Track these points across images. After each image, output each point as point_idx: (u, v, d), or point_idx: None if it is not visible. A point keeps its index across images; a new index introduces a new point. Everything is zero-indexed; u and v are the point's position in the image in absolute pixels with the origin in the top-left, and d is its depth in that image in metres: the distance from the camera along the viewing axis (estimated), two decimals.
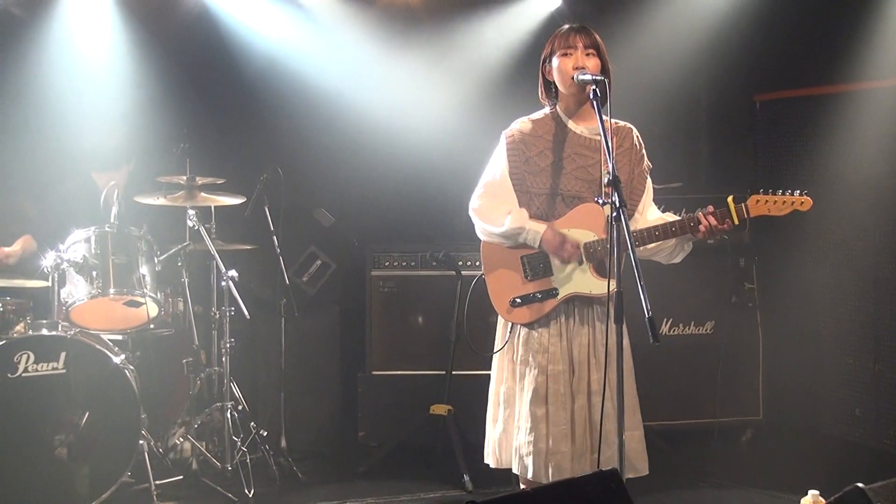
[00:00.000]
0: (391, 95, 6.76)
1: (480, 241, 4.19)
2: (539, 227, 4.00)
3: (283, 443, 5.85)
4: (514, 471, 4.08)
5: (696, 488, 5.55)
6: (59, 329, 4.95)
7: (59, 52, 6.35)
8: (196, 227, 5.38)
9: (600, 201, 3.73)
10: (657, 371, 5.69)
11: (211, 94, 6.84)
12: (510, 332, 4.11)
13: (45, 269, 5.06)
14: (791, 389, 6.23)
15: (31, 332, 4.94)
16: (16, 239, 5.74)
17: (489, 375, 4.24)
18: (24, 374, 4.77)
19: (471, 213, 4.18)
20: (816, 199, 3.95)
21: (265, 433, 5.65)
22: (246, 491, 5.22)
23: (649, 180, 4.19)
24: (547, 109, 4.17)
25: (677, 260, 4.14)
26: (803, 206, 3.92)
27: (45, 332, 4.93)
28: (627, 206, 3.62)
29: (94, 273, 5.05)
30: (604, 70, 3.98)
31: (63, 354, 4.84)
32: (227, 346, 5.51)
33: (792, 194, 3.91)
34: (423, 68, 6.83)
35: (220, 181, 5.68)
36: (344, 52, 6.82)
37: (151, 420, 5.31)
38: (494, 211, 4.08)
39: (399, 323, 6.25)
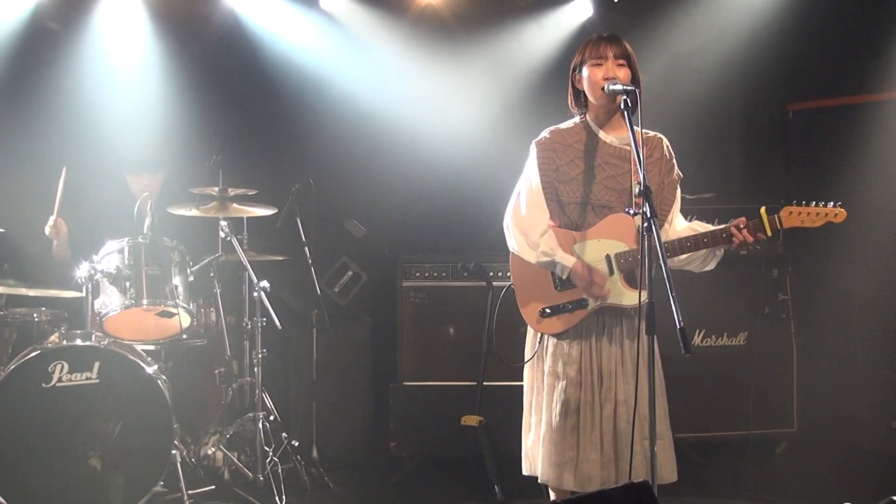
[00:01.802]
0: (423, 105, 6.78)
1: (510, 252, 4.18)
2: (567, 262, 3.98)
3: (315, 453, 5.88)
4: (541, 480, 4.06)
5: (729, 501, 5.50)
6: (93, 339, 4.97)
7: (94, 66, 6.43)
8: (228, 238, 5.41)
9: (631, 212, 3.72)
10: (690, 382, 5.67)
11: (243, 105, 6.89)
12: (539, 343, 4.10)
13: (80, 280, 5.09)
14: (825, 401, 6.17)
15: (65, 343, 4.96)
16: (50, 249, 5.80)
17: (521, 386, 4.24)
18: (58, 384, 4.79)
19: (505, 228, 4.18)
20: (850, 210, 3.92)
21: (297, 443, 5.66)
22: (277, 501, 5.23)
23: (678, 191, 4.17)
24: (577, 118, 4.16)
25: (710, 267, 4.12)
26: (837, 217, 3.89)
27: (79, 342, 4.95)
28: (658, 216, 3.60)
29: (128, 284, 5.08)
30: (634, 80, 3.97)
31: (97, 364, 4.86)
32: (259, 356, 5.52)
33: (826, 206, 3.88)
34: (454, 78, 6.84)
35: (252, 192, 5.71)
36: (375, 62, 6.86)
37: (184, 430, 5.33)
38: (526, 237, 4.06)
39: (430, 334, 6.24)
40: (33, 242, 5.89)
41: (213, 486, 5.34)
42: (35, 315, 5.41)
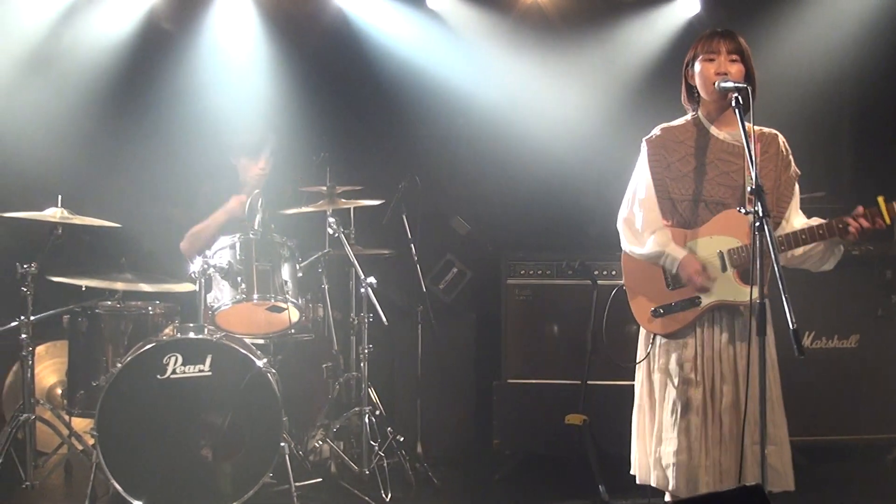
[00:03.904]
0: (528, 103, 6.78)
1: (621, 250, 4.16)
2: (678, 254, 3.96)
3: (419, 448, 5.93)
4: (652, 483, 4.03)
5: None
6: (206, 332, 5.09)
7: (207, 66, 6.59)
8: (336, 235, 5.47)
9: (743, 211, 3.67)
10: (798, 385, 5.50)
11: (350, 103, 6.97)
12: (651, 343, 4.07)
13: (193, 274, 5.22)
14: None
15: (179, 336, 5.09)
16: (164, 244, 5.95)
17: (625, 386, 4.21)
18: (172, 376, 4.92)
19: (618, 226, 4.16)
20: None
21: (402, 438, 5.71)
22: (383, 495, 5.28)
23: (796, 188, 4.09)
24: (688, 115, 4.12)
25: (828, 267, 4.03)
26: None
27: (192, 335, 5.07)
28: (773, 213, 3.54)
29: (239, 279, 5.19)
30: (748, 77, 3.92)
31: (209, 357, 4.97)
32: (366, 351, 5.57)
33: None
34: (559, 76, 6.83)
35: (360, 189, 5.77)
36: (480, 59, 6.88)
37: (291, 423, 5.40)
38: (638, 234, 4.06)
39: (534, 331, 6.23)
40: (148, 237, 6.06)
41: (320, 479, 5.41)
42: (150, 308, 5.57)
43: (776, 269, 3.30)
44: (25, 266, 5.16)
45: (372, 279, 5.41)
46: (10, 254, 5.44)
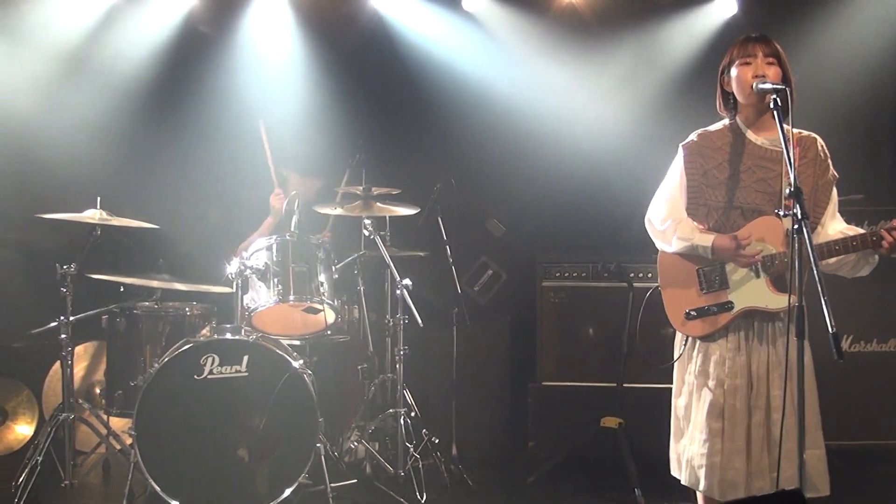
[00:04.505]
0: (563, 105, 6.76)
1: (657, 252, 4.15)
2: (706, 240, 3.94)
3: (454, 450, 5.93)
4: (685, 482, 4.02)
5: None
6: (243, 333, 5.12)
7: (244, 68, 6.64)
8: (372, 237, 5.49)
9: (781, 213, 3.64)
10: (837, 389, 5.48)
11: (386, 104, 7.00)
12: (686, 345, 4.05)
13: (230, 276, 5.25)
14: None
15: (216, 336, 5.13)
16: (201, 245, 6.00)
17: (662, 389, 4.20)
18: (209, 376, 4.95)
19: (646, 224, 4.15)
20: None
21: (437, 440, 5.72)
22: (418, 496, 5.29)
23: (834, 191, 4.05)
24: (725, 121, 4.09)
25: (863, 273, 3.99)
26: None
27: (229, 336, 5.10)
28: (810, 218, 3.51)
29: (276, 280, 5.22)
30: (785, 79, 3.89)
31: (246, 358, 5.00)
32: (401, 353, 5.58)
33: None
34: (595, 77, 6.81)
35: (396, 191, 5.78)
36: (517, 61, 6.87)
37: (327, 424, 5.42)
38: (664, 230, 4.05)
39: (570, 334, 6.23)
40: (185, 239, 6.11)
41: (356, 480, 5.43)
42: (187, 309, 5.62)
43: (815, 272, 3.26)
44: (65, 267, 5.21)
45: (407, 281, 5.42)
46: (49, 255, 5.51)
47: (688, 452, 3.98)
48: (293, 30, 6.75)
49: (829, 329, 3.19)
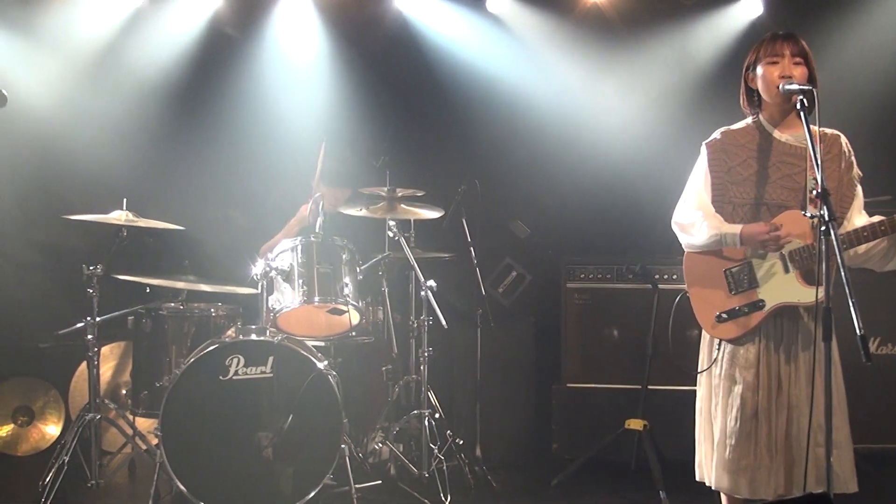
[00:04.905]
0: (587, 106, 6.76)
1: (682, 254, 4.13)
2: (734, 230, 3.91)
3: (478, 452, 5.92)
4: (714, 486, 3.99)
5: None
6: (268, 334, 5.13)
7: (269, 70, 6.67)
8: (396, 238, 5.49)
9: (808, 215, 3.62)
10: (864, 391, 5.45)
11: (410, 106, 7.01)
12: (716, 348, 4.03)
13: (255, 277, 5.27)
14: None
15: (241, 337, 5.14)
16: (225, 246, 6.02)
17: (687, 391, 4.17)
18: (234, 377, 4.97)
19: (673, 226, 4.14)
20: None
21: (461, 441, 5.71)
22: (442, 498, 5.29)
23: (859, 188, 4.02)
24: (749, 119, 4.07)
25: (893, 266, 3.93)
26: None
27: (254, 337, 5.12)
28: (837, 217, 3.49)
29: (300, 281, 5.21)
30: (811, 79, 3.86)
31: (271, 359, 5.01)
32: (425, 354, 5.58)
33: None
34: (618, 78, 6.81)
35: (420, 193, 5.78)
36: (541, 63, 6.87)
37: (351, 425, 5.41)
38: (690, 228, 4.03)
39: (594, 336, 6.22)
40: (210, 240, 6.14)
41: (380, 481, 5.44)
42: (212, 310, 5.64)
43: (843, 273, 3.24)
44: (91, 268, 5.24)
45: (432, 282, 5.42)
46: (76, 256, 5.55)
47: (717, 457, 3.96)
48: (318, 32, 6.78)
49: (857, 331, 3.16)
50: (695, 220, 4.01)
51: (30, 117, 6.27)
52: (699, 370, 4.09)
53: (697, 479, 4.12)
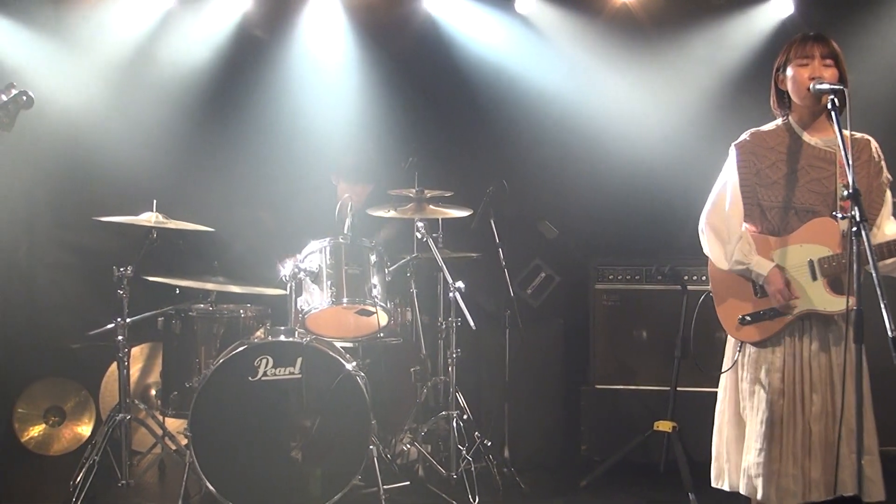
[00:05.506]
0: (616, 107, 6.73)
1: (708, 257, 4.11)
2: (763, 269, 3.90)
3: (507, 453, 5.91)
4: (742, 492, 3.97)
5: None
6: (296, 336, 5.15)
7: (298, 72, 6.70)
8: (424, 239, 5.49)
9: (838, 216, 3.59)
10: (891, 394, 5.41)
11: (438, 107, 7.01)
12: (739, 351, 4.01)
13: (284, 278, 5.28)
14: None
15: (270, 338, 5.16)
16: (254, 247, 6.04)
17: (715, 392, 4.15)
18: (263, 378, 4.99)
19: (699, 233, 4.11)
20: None
21: (489, 443, 5.70)
22: (470, 499, 5.29)
23: (888, 194, 3.99)
24: (779, 121, 4.05)
25: None
26: None
27: (282, 338, 5.14)
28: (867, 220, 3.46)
29: (329, 282, 5.23)
30: (842, 80, 3.84)
31: (299, 360, 5.03)
32: (454, 355, 5.57)
33: None
34: (648, 79, 6.77)
35: (448, 194, 5.78)
36: (570, 63, 6.85)
37: (380, 426, 5.43)
38: (721, 243, 4.00)
39: (623, 337, 6.20)
40: (240, 241, 6.16)
41: (408, 482, 5.45)
42: (241, 311, 5.66)
43: (874, 275, 3.21)
44: (122, 269, 5.28)
45: (460, 283, 5.41)
46: (107, 257, 5.57)
47: (744, 462, 3.94)
48: (346, 33, 6.79)
49: (889, 332, 3.13)
50: (729, 244, 3.98)
51: (61, 120, 6.32)
52: (722, 371, 4.08)
53: (712, 483, 4.10)
